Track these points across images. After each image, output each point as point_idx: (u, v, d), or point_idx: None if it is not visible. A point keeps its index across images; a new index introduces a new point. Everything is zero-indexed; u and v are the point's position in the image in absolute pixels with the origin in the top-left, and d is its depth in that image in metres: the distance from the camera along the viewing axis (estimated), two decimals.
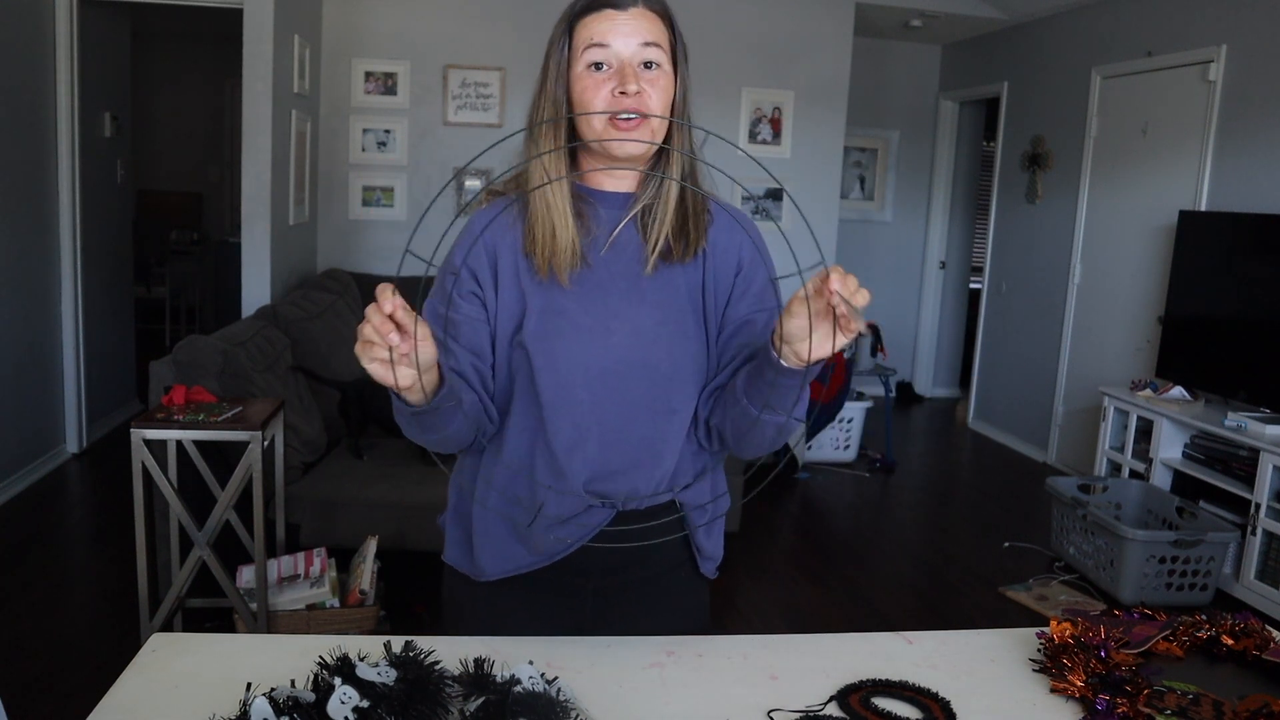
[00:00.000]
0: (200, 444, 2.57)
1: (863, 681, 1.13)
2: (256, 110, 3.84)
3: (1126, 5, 4.70)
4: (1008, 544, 3.97)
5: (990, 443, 5.71)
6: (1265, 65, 3.86)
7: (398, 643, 1.04)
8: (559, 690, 1.01)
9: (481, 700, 0.96)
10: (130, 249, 5.17)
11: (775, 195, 5.36)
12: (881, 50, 6.38)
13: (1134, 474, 3.99)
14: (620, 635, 1.24)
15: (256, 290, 3.94)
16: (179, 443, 2.52)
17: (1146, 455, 3.90)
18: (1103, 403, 4.24)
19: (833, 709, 1.07)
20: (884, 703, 1.08)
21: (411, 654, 1.00)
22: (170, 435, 2.38)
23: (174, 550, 2.61)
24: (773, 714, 1.05)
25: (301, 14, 4.34)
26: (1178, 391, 3.94)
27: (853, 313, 0.93)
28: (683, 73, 1.19)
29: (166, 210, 7.64)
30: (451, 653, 1.06)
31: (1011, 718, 1.08)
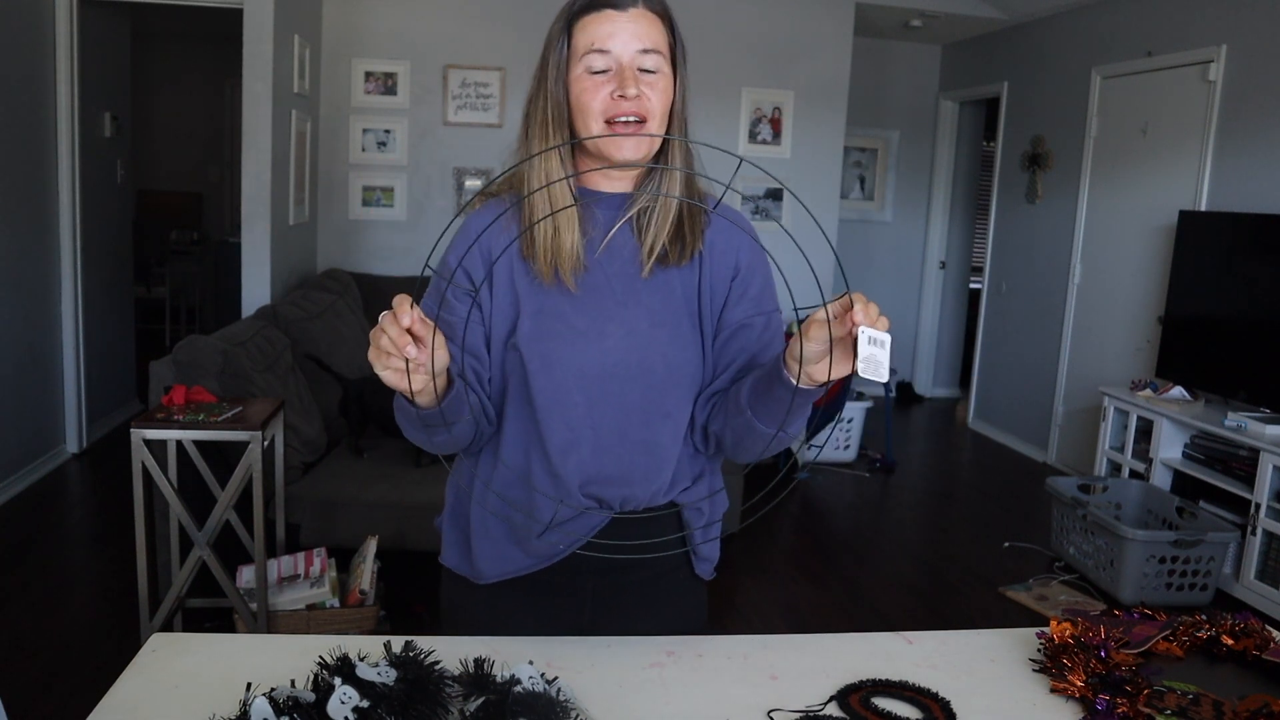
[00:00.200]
0: (200, 444, 2.57)
1: (863, 681, 1.13)
2: (256, 110, 3.84)
3: (1126, 5, 4.70)
4: (1008, 544, 3.97)
5: (990, 443, 5.71)
6: (1265, 65, 3.86)
7: (398, 643, 1.04)
8: (559, 690, 1.01)
9: (481, 700, 0.96)
10: (130, 249, 5.18)
11: (775, 195, 5.36)
12: (881, 50, 6.38)
13: (1134, 474, 3.99)
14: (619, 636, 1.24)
15: (256, 290, 3.94)
16: (179, 443, 2.52)
17: (1146, 455, 3.90)
18: (1103, 403, 4.24)
19: (833, 709, 1.07)
20: (884, 703, 1.08)
21: (411, 654, 1.00)
22: (170, 435, 2.38)
23: (174, 550, 2.61)
24: (773, 714, 1.05)
25: (301, 14, 4.34)
26: (1178, 391, 3.94)
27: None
28: (682, 74, 1.18)
29: (166, 210, 7.64)
30: (451, 653, 1.06)
31: (1011, 718, 1.08)
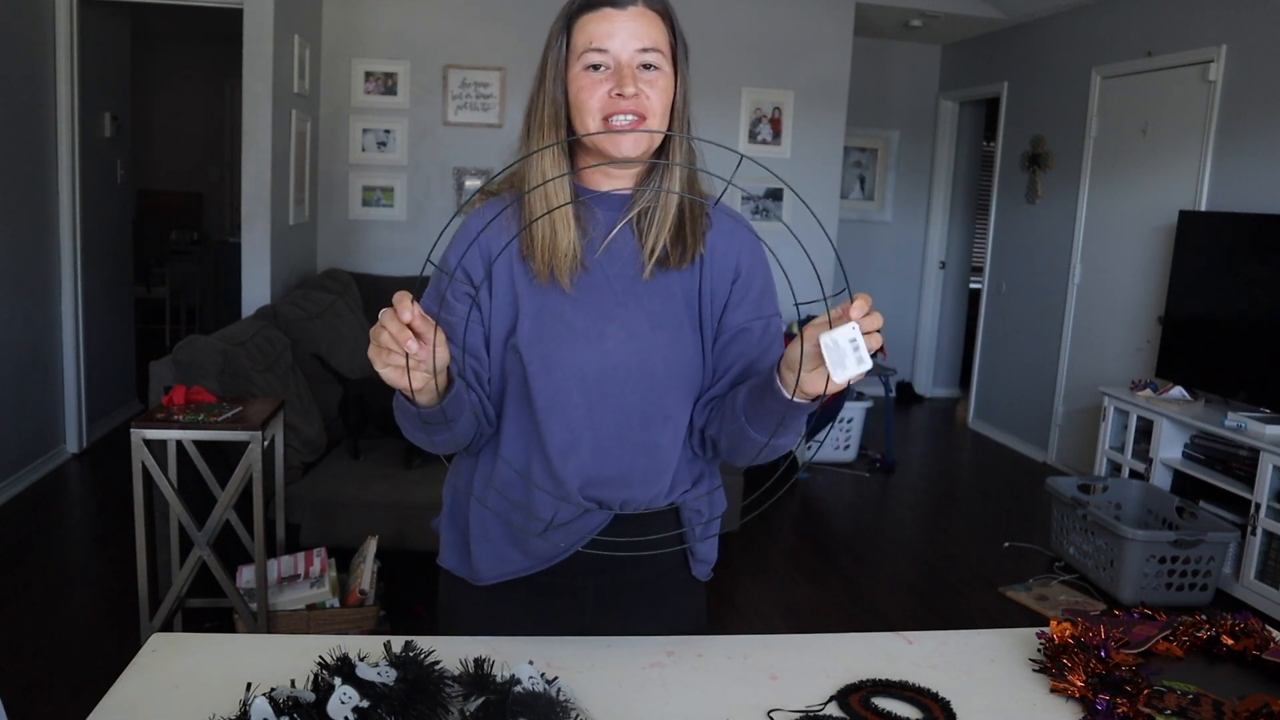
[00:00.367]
0: (200, 444, 2.56)
1: (863, 681, 1.13)
2: (256, 110, 3.84)
3: (1126, 5, 4.70)
4: (1008, 544, 3.97)
5: (990, 443, 5.71)
6: (1265, 65, 3.86)
7: (398, 643, 1.04)
8: (559, 690, 1.01)
9: (481, 700, 0.96)
10: (130, 249, 5.17)
11: (775, 195, 5.36)
12: (881, 50, 6.38)
13: (1134, 474, 3.99)
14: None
15: (256, 290, 3.94)
16: (179, 443, 2.52)
17: (1146, 455, 3.90)
18: (1103, 403, 4.24)
19: (833, 709, 1.07)
20: (884, 703, 1.08)
21: (411, 654, 1.00)
22: (170, 435, 2.38)
23: (174, 550, 2.61)
24: (773, 714, 1.05)
25: (301, 14, 4.34)
26: (1178, 391, 3.94)
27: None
28: (683, 72, 1.18)
29: (166, 210, 7.64)
30: (451, 653, 1.06)
31: (1011, 718, 1.08)
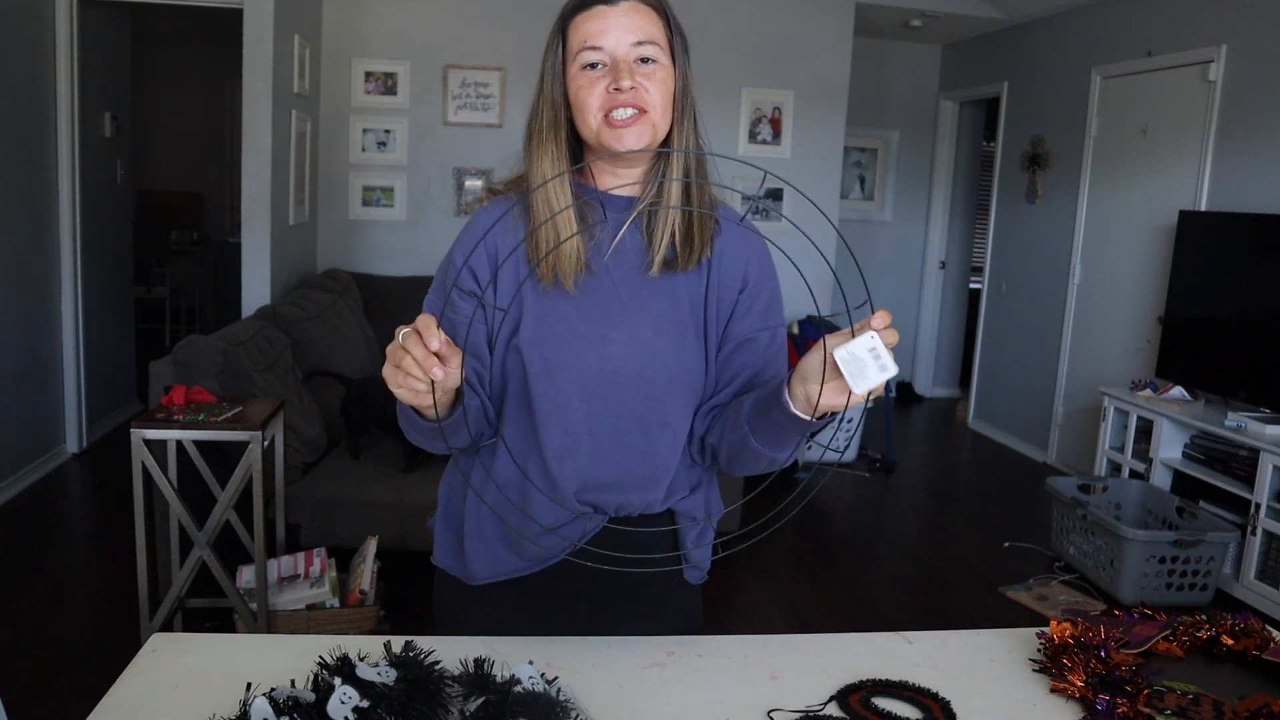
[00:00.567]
0: (200, 444, 2.56)
1: (863, 681, 1.13)
2: (256, 110, 3.84)
3: (1126, 5, 4.70)
4: (1008, 544, 3.97)
5: (990, 443, 5.71)
6: (1265, 65, 3.86)
7: (398, 643, 1.04)
8: (559, 690, 1.01)
9: (481, 700, 0.95)
10: (130, 249, 5.17)
11: (775, 195, 5.36)
12: (881, 50, 6.38)
13: (1134, 474, 3.99)
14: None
15: (256, 290, 3.94)
16: (179, 443, 2.52)
17: (1146, 455, 3.90)
18: (1103, 403, 4.24)
19: (833, 709, 1.07)
20: (884, 703, 1.08)
21: (411, 654, 1.00)
22: (170, 435, 2.38)
23: (174, 550, 2.61)
24: (773, 714, 1.05)
25: (301, 14, 4.34)
26: (1178, 391, 3.94)
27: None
28: (683, 65, 1.17)
29: (166, 210, 7.65)
30: (451, 653, 1.06)
31: (1011, 718, 1.08)
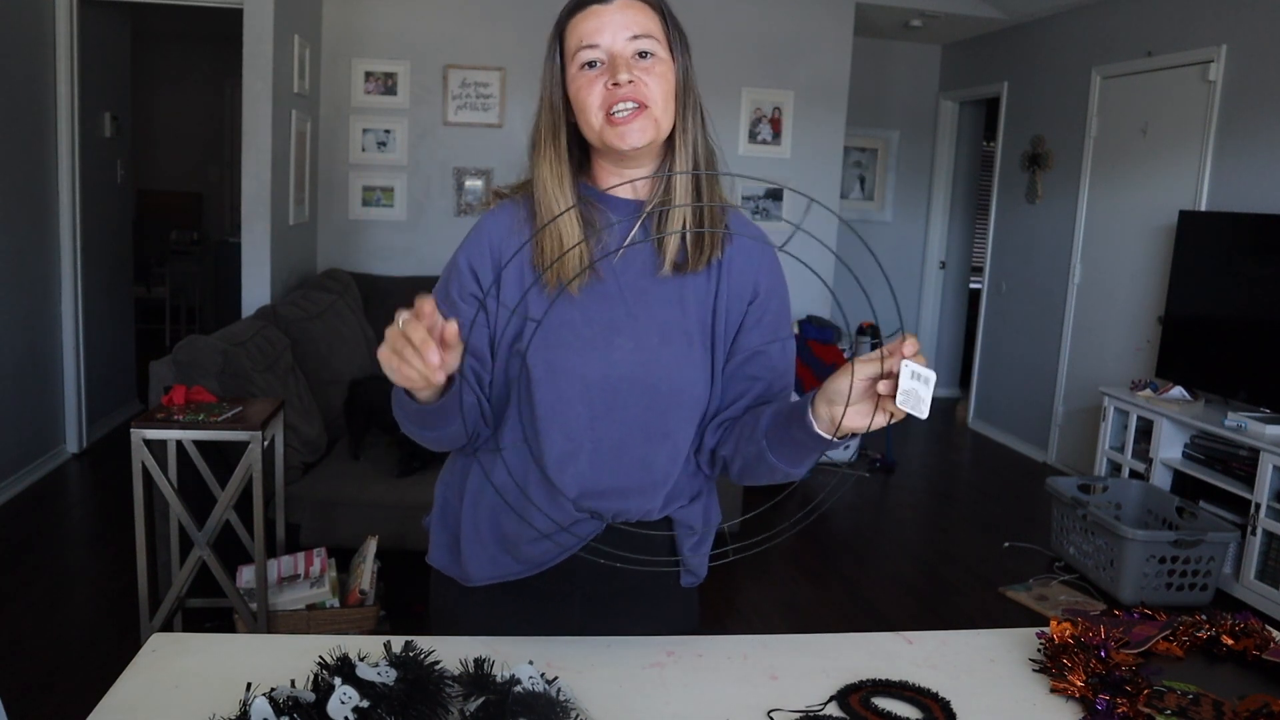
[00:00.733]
0: (200, 444, 2.56)
1: (863, 681, 1.13)
2: (256, 110, 3.84)
3: (1126, 5, 4.70)
4: (1008, 544, 3.97)
5: (990, 443, 5.71)
6: (1265, 65, 3.86)
7: (398, 643, 1.04)
8: (559, 690, 1.01)
9: (481, 700, 0.95)
10: (130, 249, 5.17)
11: (775, 195, 5.36)
12: (881, 50, 6.38)
13: (1134, 474, 3.99)
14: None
15: (256, 290, 3.94)
16: (179, 443, 2.52)
17: (1146, 455, 3.90)
18: (1103, 403, 4.24)
19: (833, 709, 1.07)
20: (884, 703, 1.08)
21: (411, 654, 1.00)
22: (170, 435, 2.38)
23: (174, 550, 2.61)
24: (773, 714, 1.05)
25: (301, 14, 4.34)
26: (1178, 391, 3.94)
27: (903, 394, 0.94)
28: (683, 60, 1.15)
29: (166, 210, 7.65)
30: (451, 653, 1.06)
31: (1011, 718, 1.08)
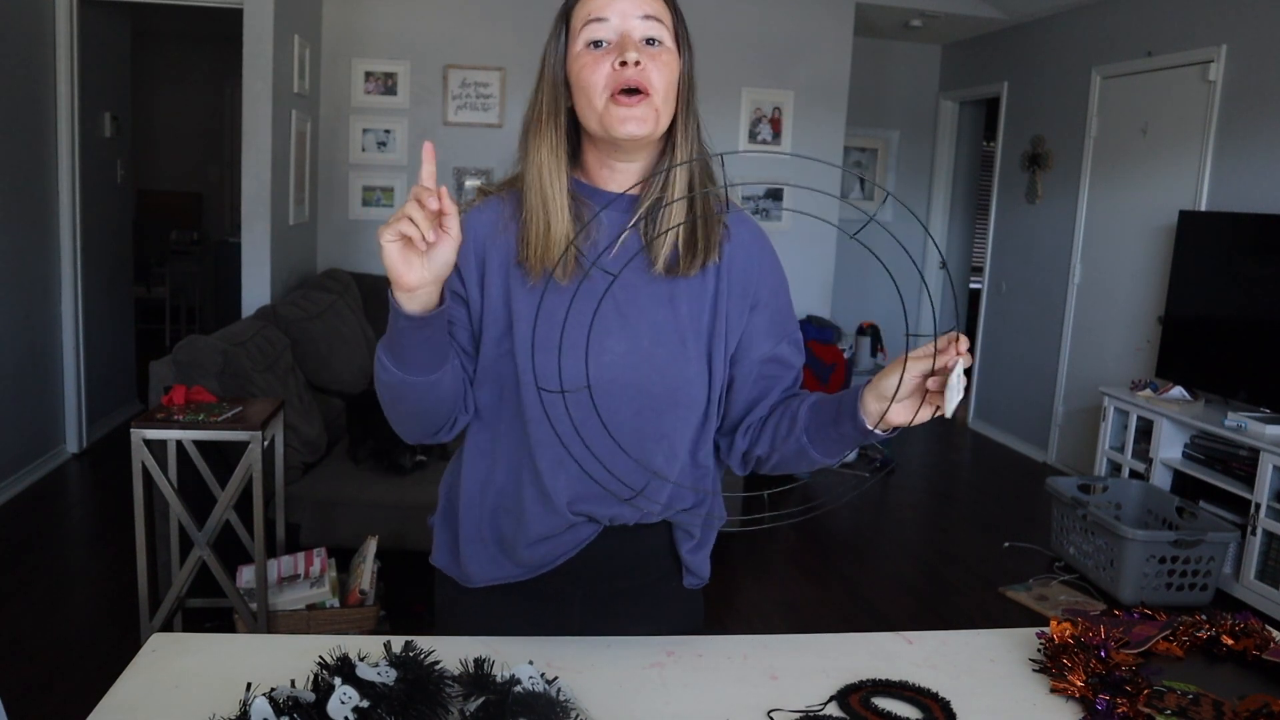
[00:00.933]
0: (200, 444, 2.56)
1: (863, 681, 1.13)
2: (256, 110, 3.84)
3: (1126, 5, 4.70)
4: (1008, 544, 3.97)
5: (990, 443, 5.71)
6: (1265, 65, 3.86)
7: (398, 643, 1.04)
8: (559, 690, 1.01)
9: (481, 700, 0.95)
10: (130, 249, 5.17)
11: (775, 195, 5.36)
12: (881, 50, 6.38)
13: (1134, 474, 3.99)
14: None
15: (256, 290, 3.94)
16: (179, 443, 2.52)
17: (1146, 455, 3.90)
18: (1103, 403, 4.24)
19: (833, 709, 1.07)
20: (884, 703, 1.08)
21: (411, 654, 1.00)
22: (170, 435, 2.38)
23: (174, 550, 2.61)
24: (773, 714, 1.05)
25: (301, 14, 4.34)
26: (1178, 391, 3.94)
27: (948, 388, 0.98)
28: (687, 58, 1.13)
29: (166, 210, 7.64)
30: (451, 653, 1.06)
31: (1011, 718, 1.08)
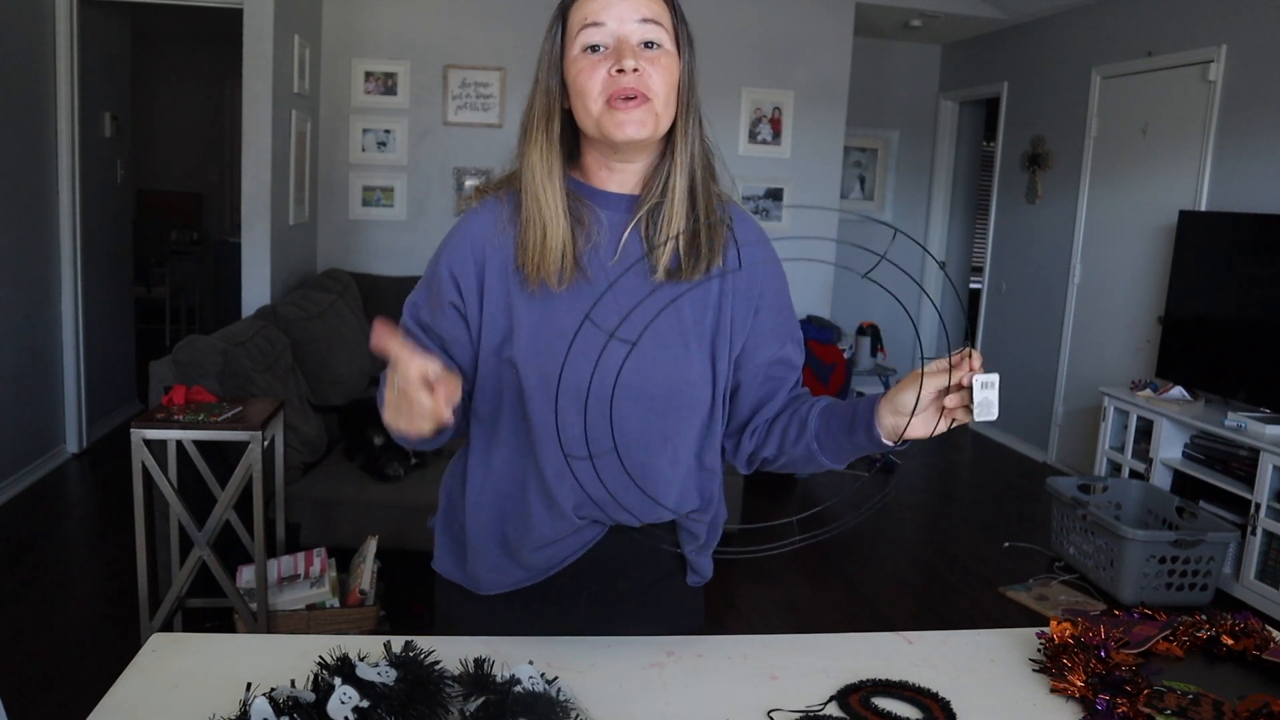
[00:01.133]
0: (200, 444, 2.56)
1: (863, 681, 1.13)
2: (256, 110, 3.84)
3: (1126, 5, 4.70)
4: (1008, 544, 3.97)
5: (990, 443, 5.71)
6: (1265, 65, 3.86)
7: (398, 643, 1.04)
8: (559, 690, 1.01)
9: (481, 700, 0.95)
10: (130, 249, 5.17)
11: (775, 195, 5.36)
12: (881, 50, 6.38)
13: (1134, 474, 3.99)
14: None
15: (256, 290, 3.94)
16: (179, 443, 2.52)
17: (1146, 455, 3.90)
18: (1103, 403, 4.24)
19: (833, 709, 1.07)
20: (884, 703, 1.08)
21: (411, 654, 1.00)
22: (170, 435, 2.38)
23: (174, 550, 2.61)
24: (773, 714, 1.05)
25: (301, 14, 4.34)
26: (1178, 391, 3.94)
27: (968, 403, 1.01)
28: (688, 58, 1.11)
29: (166, 210, 7.64)
30: (451, 653, 1.06)
31: (1011, 718, 1.08)
